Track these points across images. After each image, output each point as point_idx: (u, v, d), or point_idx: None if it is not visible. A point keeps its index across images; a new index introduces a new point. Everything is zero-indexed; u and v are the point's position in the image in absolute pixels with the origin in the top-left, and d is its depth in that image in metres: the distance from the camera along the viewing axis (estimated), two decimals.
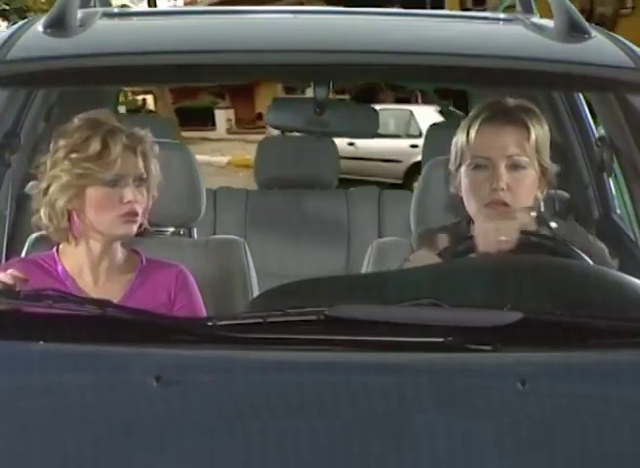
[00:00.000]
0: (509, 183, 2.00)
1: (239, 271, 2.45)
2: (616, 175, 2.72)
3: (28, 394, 1.45)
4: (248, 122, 17.28)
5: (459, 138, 2.09)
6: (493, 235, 1.94)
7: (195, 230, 2.73)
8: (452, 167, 2.12)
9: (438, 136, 3.47)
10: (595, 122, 3.04)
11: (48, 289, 1.59)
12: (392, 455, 1.32)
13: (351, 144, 11.31)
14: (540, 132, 2.05)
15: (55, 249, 2.10)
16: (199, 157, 3.58)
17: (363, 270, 2.44)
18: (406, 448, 1.34)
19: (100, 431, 1.36)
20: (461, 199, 2.09)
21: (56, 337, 1.50)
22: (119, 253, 2.11)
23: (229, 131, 17.68)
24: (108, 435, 1.35)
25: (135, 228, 2.03)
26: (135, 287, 2.09)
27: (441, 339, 1.47)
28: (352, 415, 1.38)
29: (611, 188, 2.99)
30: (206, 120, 16.36)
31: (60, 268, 2.07)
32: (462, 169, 2.07)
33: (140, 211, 2.03)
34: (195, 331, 1.55)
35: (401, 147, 11.83)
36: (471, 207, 2.06)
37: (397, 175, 11.49)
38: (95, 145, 1.99)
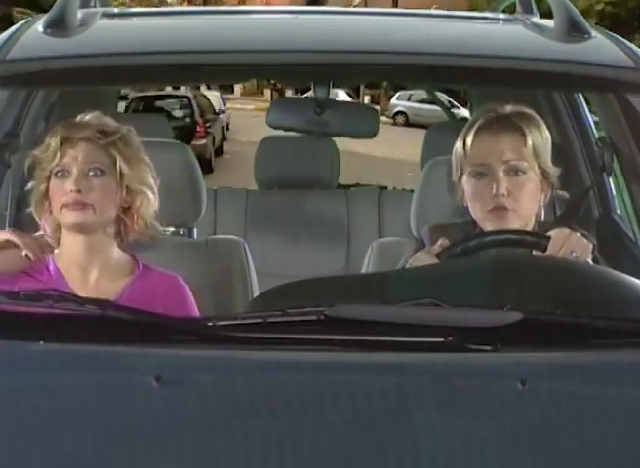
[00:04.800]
0: (510, 188, 2.01)
1: (239, 271, 2.45)
2: (616, 175, 2.72)
3: (28, 394, 1.45)
4: (250, 92, 34.73)
5: (456, 148, 2.10)
6: None
7: (195, 230, 2.73)
8: (454, 178, 2.13)
9: (438, 137, 3.47)
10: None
11: (48, 289, 1.59)
12: (392, 455, 1.32)
13: None
14: (537, 136, 2.05)
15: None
16: (237, 105, 4.20)
17: (363, 270, 2.44)
18: (406, 448, 1.34)
19: (100, 431, 1.36)
20: (467, 207, 2.10)
21: (56, 337, 1.50)
22: (113, 253, 2.08)
23: (241, 94, 33.46)
24: (108, 435, 1.35)
25: (85, 216, 1.98)
26: (130, 292, 2.05)
27: (441, 339, 1.47)
28: (352, 415, 1.38)
29: (611, 188, 2.99)
30: (228, 88, 30.56)
31: (51, 267, 2.05)
32: (464, 178, 2.08)
33: (88, 201, 1.98)
34: (195, 331, 1.55)
35: None
36: (477, 214, 2.07)
37: None
38: (47, 141, 2.03)
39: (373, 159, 12.73)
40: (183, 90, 17.63)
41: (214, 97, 20.98)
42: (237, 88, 31.87)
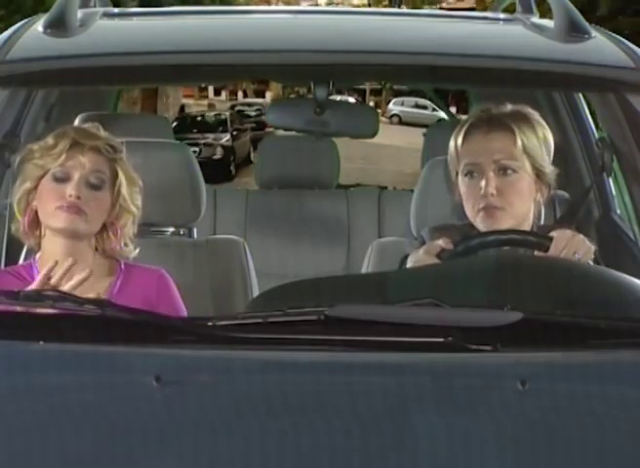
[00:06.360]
0: (500, 188, 2.01)
1: (239, 271, 2.45)
2: (616, 175, 2.72)
3: (28, 394, 1.45)
4: (278, 97, 38.09)
5: (450, 147, 2.12)
6: None
7: (195, 230, 2.73)
8: (452, 178, 2.14)
9: (438, 137, 3.47)
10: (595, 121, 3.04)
11: (48, 289, 1.59)
12: (392, 455, 1.32)
13: None
14: (530, 135, 2.04)
15: (33, 257, 2.09)
16: None
17: (363, 270, 2.44)
18: (406, 447, 1.34)
19: (101, 431, 1.36)
20: (463, 206, 2.10)
21: (56, 337, 1.50)
22: (95, 256, 2.07)
23: (271, 99, 36.38)
24: (108, 435, 1.35)
25: (78, 223, 1.98)
26: (115, 292, 2.04)
27: (441, 339, 1.47)
28: (352, 415, 1.38)
29: (611, 188, 2.99)
30: (260, 94, 37.92)
31: (35, 272, 2.03)
32: (459, 177, 2.09)
33: (84, 208, 1.98)
34: (195, 331, 1.55)
35: None
36: (469, 212, 2.07)
37: None
38: (49, 140, 2.02)
39: (373, 143, 16.24)
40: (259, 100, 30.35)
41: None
42: (268, 94, 37.74)
